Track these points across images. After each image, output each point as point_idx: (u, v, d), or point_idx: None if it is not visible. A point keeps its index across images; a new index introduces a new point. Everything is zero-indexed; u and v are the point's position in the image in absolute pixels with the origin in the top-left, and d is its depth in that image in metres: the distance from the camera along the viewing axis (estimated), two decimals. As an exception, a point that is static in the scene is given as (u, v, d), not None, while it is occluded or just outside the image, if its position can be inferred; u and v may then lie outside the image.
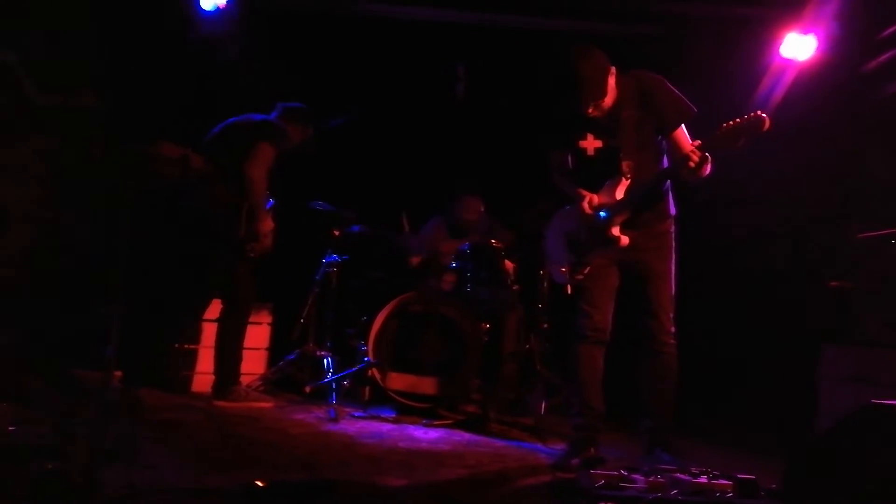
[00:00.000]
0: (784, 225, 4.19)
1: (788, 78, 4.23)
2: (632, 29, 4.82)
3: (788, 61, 4.23)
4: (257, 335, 4.24)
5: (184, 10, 4.32)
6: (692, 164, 2.58)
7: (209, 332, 4.01)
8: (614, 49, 2.87)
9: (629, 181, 2.83)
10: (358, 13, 4.89)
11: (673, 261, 2.93)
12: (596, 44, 2.83)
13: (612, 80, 2.81)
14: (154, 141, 2.40)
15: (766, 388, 3.96)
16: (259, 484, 2.12)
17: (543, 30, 4.90)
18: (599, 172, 2.91)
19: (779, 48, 4.23)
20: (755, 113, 2.46)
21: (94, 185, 3.58)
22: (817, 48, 4.14)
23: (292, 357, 4.17)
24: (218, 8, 4.34)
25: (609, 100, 2.82)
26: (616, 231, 2.85)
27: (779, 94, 4.22)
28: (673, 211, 2.97)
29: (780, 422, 3.58)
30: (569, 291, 3.00)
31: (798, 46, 4.17)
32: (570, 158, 3.02)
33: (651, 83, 2.86)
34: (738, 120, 2.48)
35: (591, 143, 2.90)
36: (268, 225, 3.80)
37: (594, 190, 2.92)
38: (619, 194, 2.84)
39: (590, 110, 2.80)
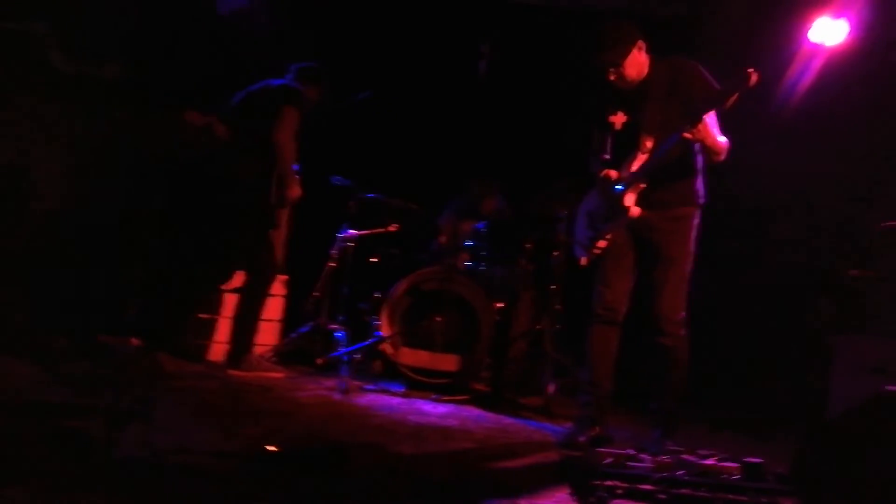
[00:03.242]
0: (805, 212, 4.13)
1: (817, 64, 4.14)
2: (654, 9, 4.74)
3: (817, 46, 4.14)
4: (271, 307, 4.26)
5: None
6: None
7: (228, 303, 4.06)
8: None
9: (646, 156, 2.81)
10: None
11: (690, 247, 2.88)
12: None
13: (639, 55, 2.82)
14: (180, 109, 2.43)
15: (779, 377, 3.94)
16: (272, 449, 2.16)
17: (566, 8, 4.84)
18: (626, 147, 2.90)
19: (807, 33, 4.14)
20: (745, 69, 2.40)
21: (120, 152, 3.61)
22: (848, 33, 4.05)
23: (305, 330, 4.22)
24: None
25: (633, 72, 2.83)
26: (628, 201, 2.82)
27: (807, 80, 4.14)
28: (701, 200, 2.91)
29: (791, 411, 3.56)
30: (582, 263, 2.99)
31: (828, 31, 4.08)
32: (608, 140, 2.99)
33: (683, 71, 2.83)
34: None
35: (619, 119, 2.92)
36: (296, 191, 3.80)
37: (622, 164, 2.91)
38: (635, 168, 2.84)
39: (612, 77, 2.82)
